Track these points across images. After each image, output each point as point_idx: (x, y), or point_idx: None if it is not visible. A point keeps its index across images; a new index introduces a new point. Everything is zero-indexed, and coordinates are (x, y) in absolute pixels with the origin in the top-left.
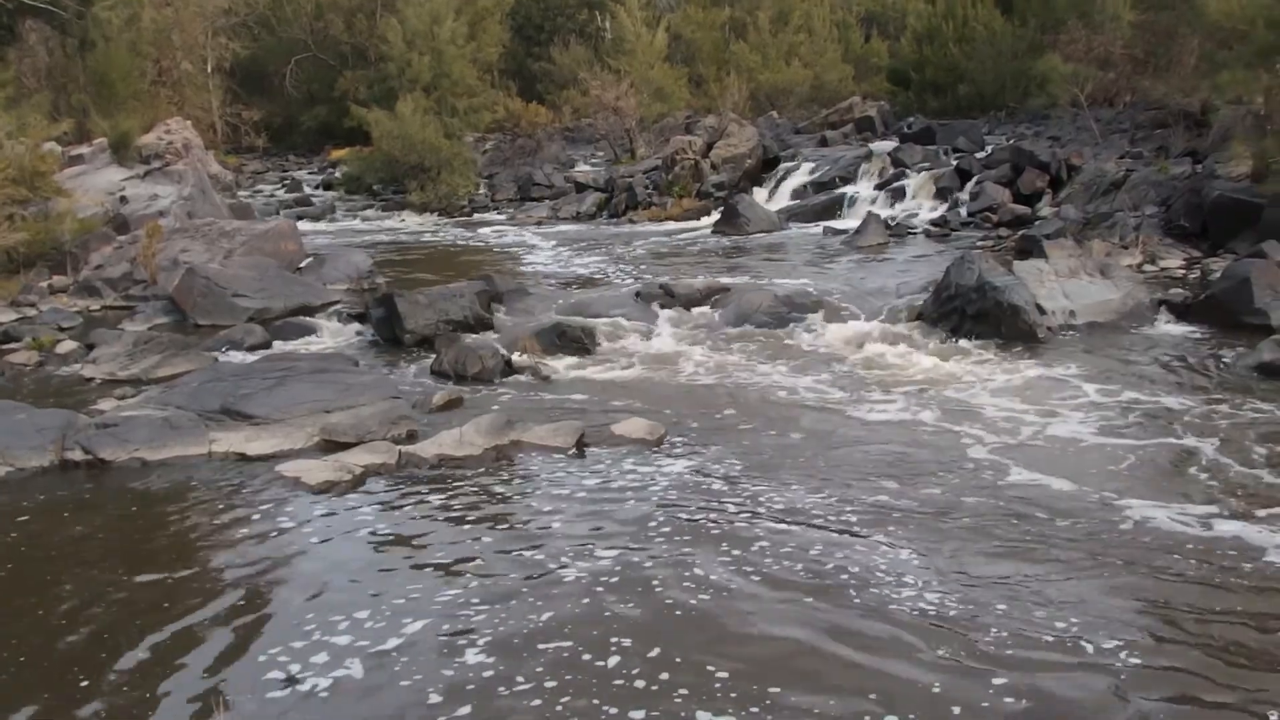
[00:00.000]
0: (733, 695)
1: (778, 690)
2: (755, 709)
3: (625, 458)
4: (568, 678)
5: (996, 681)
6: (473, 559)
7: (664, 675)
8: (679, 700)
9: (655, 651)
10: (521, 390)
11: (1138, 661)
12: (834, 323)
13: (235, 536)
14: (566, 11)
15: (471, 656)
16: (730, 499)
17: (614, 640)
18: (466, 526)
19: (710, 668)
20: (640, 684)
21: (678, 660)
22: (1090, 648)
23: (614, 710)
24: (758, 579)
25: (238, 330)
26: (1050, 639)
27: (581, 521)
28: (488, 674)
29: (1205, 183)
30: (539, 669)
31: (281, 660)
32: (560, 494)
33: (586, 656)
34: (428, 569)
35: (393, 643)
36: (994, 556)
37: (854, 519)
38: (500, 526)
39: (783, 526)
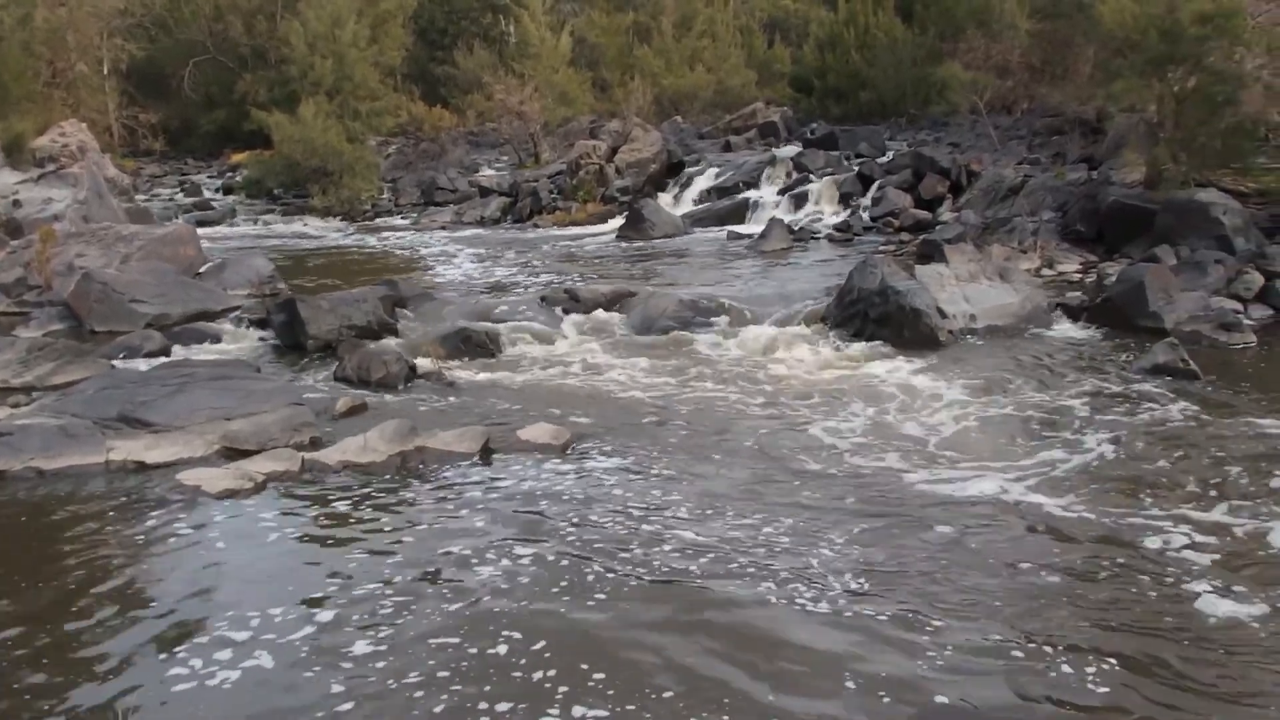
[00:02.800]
0: (609, 694)
1: (655, 695)
2: (632, 708)
3: (531, 463)
4: (459, 673)
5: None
6: (375, 564)
7: (549, 673)
8: (559, 697)
9: (541, 649)
10: (426, 396)
11: (1021, 649)
12: (739, 326)
13: (134, 545)
14: (470, 15)
15: (370, 654)
16: (635, 504)
17: (503, 639)
18: (369, 532)
19: (588, 669)
20: (523, 681)
21: (561, 659)
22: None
23: (501, 705)
24: (650, 585)
25: (135, 336)
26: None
27: (486, 527)
28: (385, 670)
29: (1101, 188)
30: (433, 664)
31: (185, 658)
32: (465, 500)
33: (474, 652)
34: (330, 574)
35: (295, 639)
36: (890, 561)
37: (748, 523)
38: (403, 532)
39: (683, 533)
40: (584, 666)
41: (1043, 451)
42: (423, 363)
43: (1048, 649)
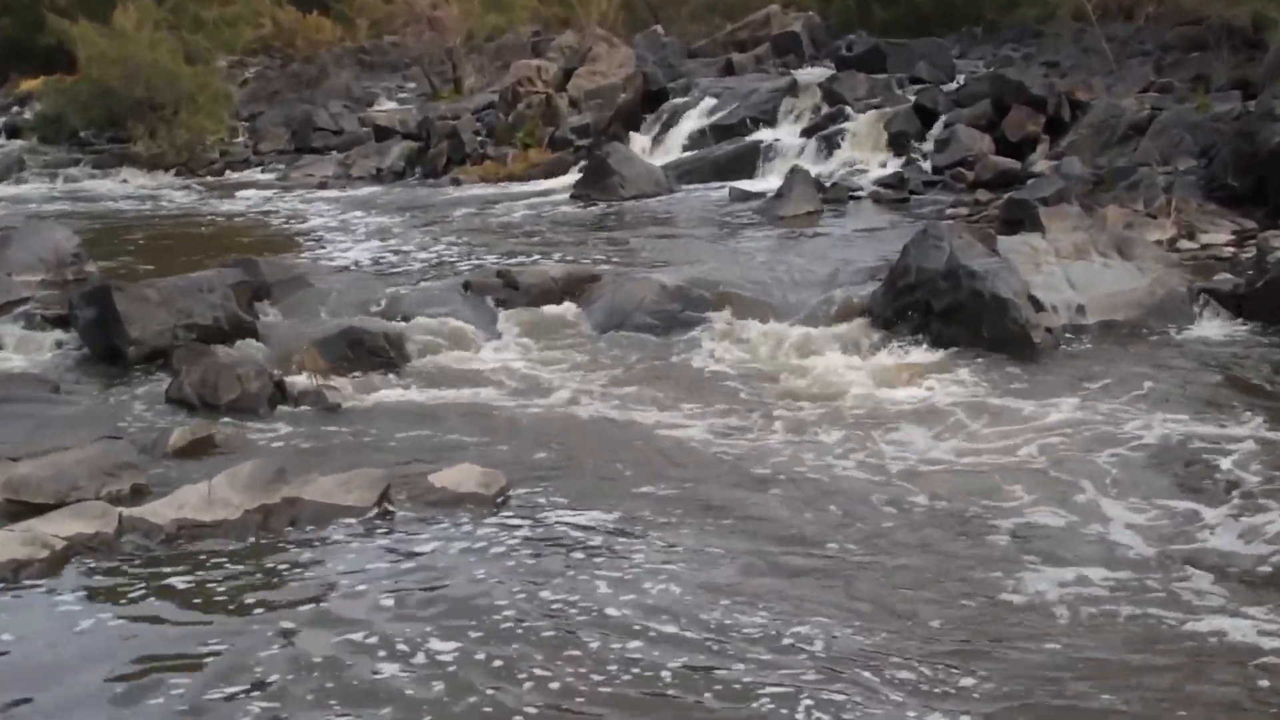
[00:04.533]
0: None
1: None
2: None
3: (450, 521)
4: None
5: None
6: (226, 675)
7: None
8: None
9: None
10: (299, 425)
11: None
12: (745, 324)
13: None
14: None
15: None
16: (590, 582)
17: None
18: (214, 626)
19: None
20: None
21: None
22: None
23: None
24: (622, 700)
25: None
26: None
27: (384, 618)
28: None
29: (1261, 126)
30: None
31: None
32: (355, 576)
33: None
34: (157, 685)
35: None
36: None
37: (759, 621)
38: (263, 625)
39: (664, 628)
40: None
41: (1205, 533)
42: (295, 378)
43: None
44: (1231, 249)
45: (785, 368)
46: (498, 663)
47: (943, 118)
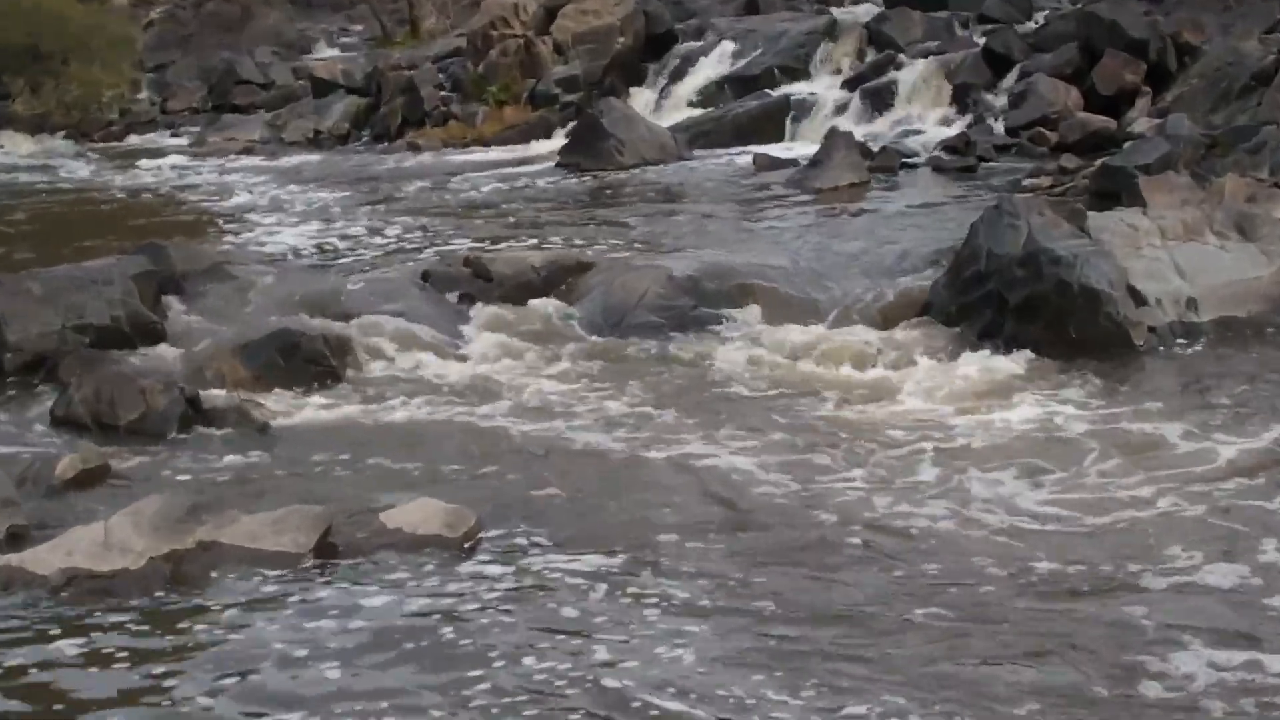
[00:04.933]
0: None
1: None
2: None
3: (408, 570)
4: None
5: None
6: None
7: None
8: None
9: None
10: (218, 450)
11: None
12: (775, 324)
13: None
14: None
15: None
16: (584, 648)
17: None
18: (113, 706)
19: None
20: None
21: None
22: None
23: None
24: None
25: None
26: None
27: (323, 694)
28: None
29: None
30: None
31: None
32: (287, 641)
33: None
34: None
35: None
36: None
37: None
38: (174, 705)
39: (660, 704)
40: None
41: None
42: (212, 392)
43: None
44: None
45: (827, 380)
46: None
47: (1018, 66)
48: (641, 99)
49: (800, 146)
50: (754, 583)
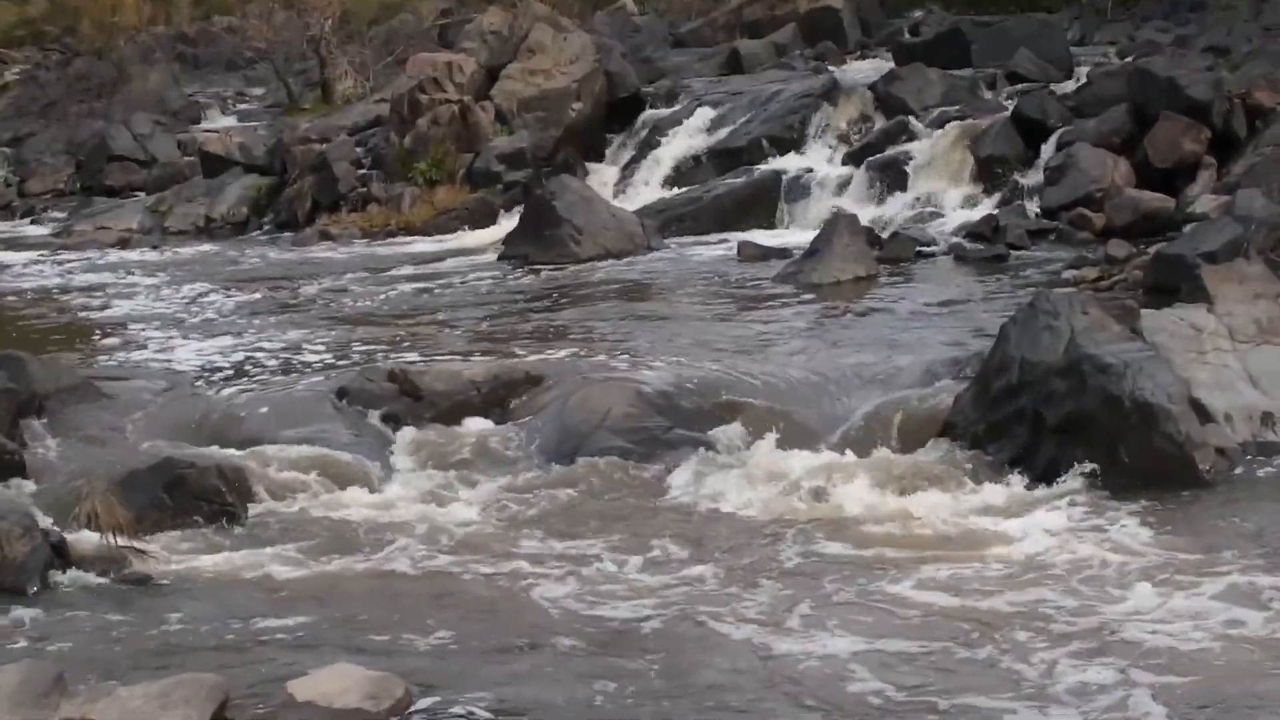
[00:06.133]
0: None
1: None
2: None
3: None
4: None
5: None
6: None
7: None
8: None
9: None
10: (89, 606)
11: None
12: (763, 450)
13: None
14: None
15: None
16: None
17: None
18: None
19: None
20: None
21: None
22: None
23: None
24: None
25: None
26: None
27: None
28: None
29: None
30: None
31: None
32: None
33: None
34: None
35: None
36: None
37: None
38: None
39: None
40: None
41: None
42: (83, 535)
43: None
44: None
45: (828, 518)
46: None
47: (1056, 134)
48: (602, 177)
49: (794, 233)
50: None
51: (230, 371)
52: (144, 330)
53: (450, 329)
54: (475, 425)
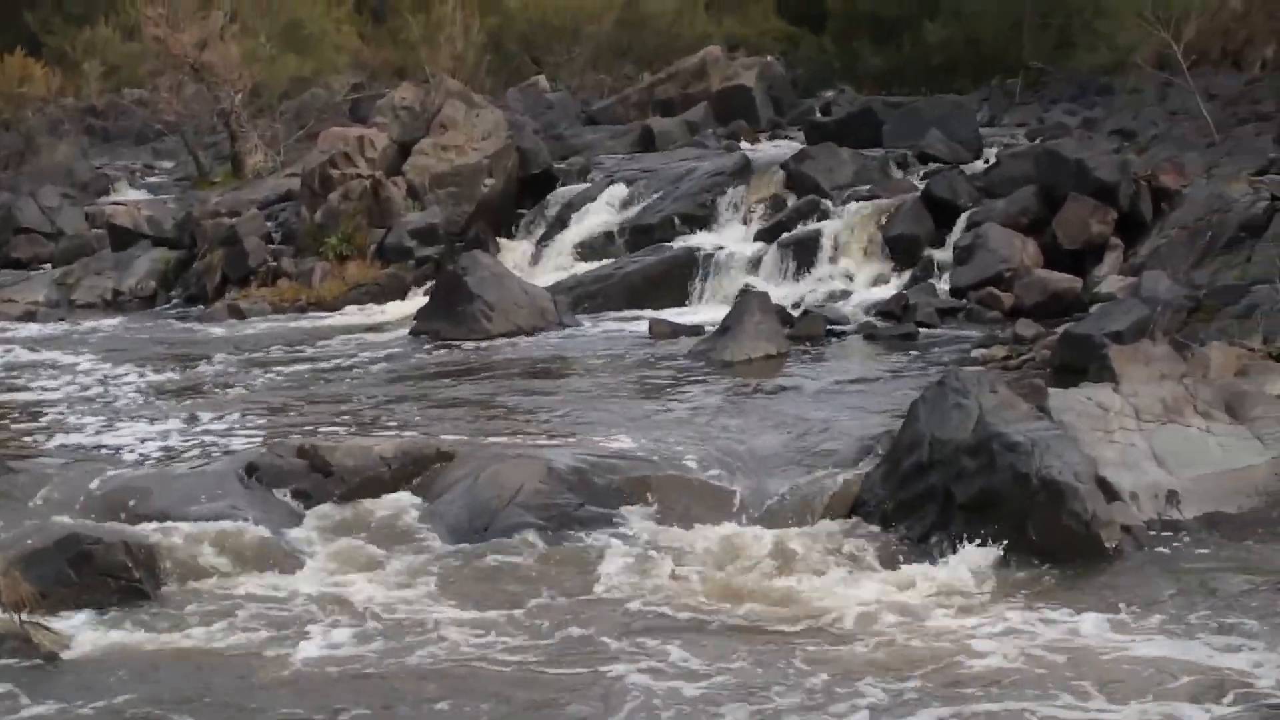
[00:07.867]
0: None
1: None
2: None
3: None
4: None
5: None
6: None
7: None
8: None
9: None
10: None
11: None
12: (673, 526)
13: None
14: None
15: None
16: None
17: None
18: None
19: None
20: None
21: None
22: None
23: None
24: None
25: None
26: None
27: None
28: None
29: None
30: None
31: None
32: None
33: None
34: None
35: None
36: None
37: None
38: None
39: None
40: None
41: None
42: None
43: None
44: None
45: (736, 592)
46: None
47: (966, 214)
48: (515, 253)
49: (706, 310)
50: None
51: (137, 446)
52: (49, 405)
53: (361, 405)
54: (385, 502)
